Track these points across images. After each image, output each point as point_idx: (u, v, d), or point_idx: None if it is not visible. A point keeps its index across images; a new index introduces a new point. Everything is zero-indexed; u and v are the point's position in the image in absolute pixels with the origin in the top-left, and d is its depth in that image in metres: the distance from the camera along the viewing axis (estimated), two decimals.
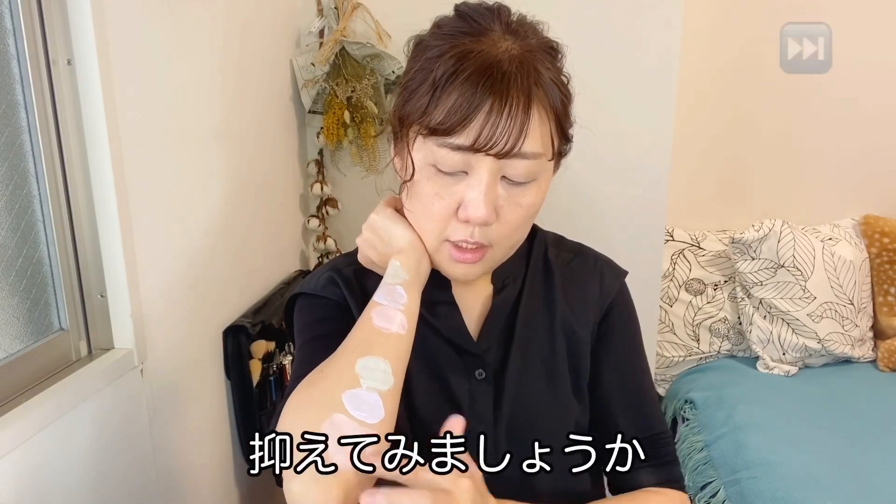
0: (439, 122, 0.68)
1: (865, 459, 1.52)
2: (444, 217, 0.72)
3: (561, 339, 0.83)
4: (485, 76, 0.66)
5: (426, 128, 0.69)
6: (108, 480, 0.99)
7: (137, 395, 1.05)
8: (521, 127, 0.67)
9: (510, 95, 0.67)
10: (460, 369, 0.80)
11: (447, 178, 0.71)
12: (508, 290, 0.84)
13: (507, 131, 0.67)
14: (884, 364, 1.96)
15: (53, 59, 0.91)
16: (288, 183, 1.61)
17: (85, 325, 1.01)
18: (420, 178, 0.72)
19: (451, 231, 0.72)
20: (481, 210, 0.69)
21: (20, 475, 0.83)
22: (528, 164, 0.70)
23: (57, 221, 0.95)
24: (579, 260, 0.88)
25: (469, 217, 0.70)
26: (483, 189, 0.69)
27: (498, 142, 0.67)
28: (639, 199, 1.61)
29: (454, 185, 0.70)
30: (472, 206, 0.69)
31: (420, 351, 0.77)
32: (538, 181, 0.73)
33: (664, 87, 1.55)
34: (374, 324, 0.70)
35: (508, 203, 0.71)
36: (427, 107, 0.69)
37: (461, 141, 0.67)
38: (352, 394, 0.64)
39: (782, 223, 1.93)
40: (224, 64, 1.27)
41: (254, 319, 1.34)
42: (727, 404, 1.77)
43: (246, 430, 1.34)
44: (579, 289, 0.85)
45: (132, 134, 0.99)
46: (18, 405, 0.84)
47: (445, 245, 0.74)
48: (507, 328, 0.82)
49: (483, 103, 0.66)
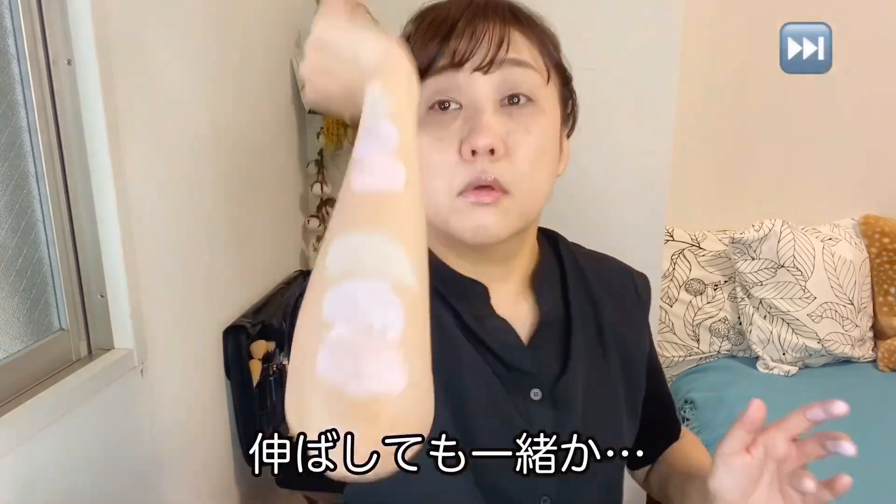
0: (419, 60, 0.62)
1: (865, 459, 1.52)
2: (448, 164, 0.63)
3: (612, 350, 0.75)
4: (451, 12, 0.65)
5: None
6: (108, 480, 0.99)
7: (137, 395, 1.05)
8: (501, 34, 0.64)
9: (483, 16, 0.64)
10: (513, 389, 0.69)
11: (443, 119, 0.64)
12: (553, 295, 0.74)
13: (486, 37, 0.63)
14: (884, 364, 1.96)
15: (53, 59, 0.91)
16: (288, 183, 1.61)
17: (85, 325, 1.00)
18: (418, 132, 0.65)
19: (460, 177, 0.63)
20: (484, 133, 0.61)
21: (20, 475, 0.83)
22: (523, 74, 0.64)
23: (57, 221, 0.95)
24: (608, 266, 0.82)
25: (474, 145, 0.61)
26: (479, 109, 0.63)
27: (478, 48, 0.63)
28: (639, 199, 1.61)
29: (451, 123, 0.64)
30: (474, 133, 0.62)
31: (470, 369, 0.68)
32: (543, 109, 0.66)
33: (664, 86, 1.55)
34: (353, 189, 0.47)
35: (515, 129, 0.64)
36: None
37: (441, 62, 0.64)
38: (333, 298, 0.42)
39: (782, 223, 1.92)
40: (224, 64, 1.27)
41: (254, 319, 1.34)
42: (727, 404, 1.77)
43: (246, 430, 1.33)
44: (619, 297, 0.78)
45: (132, 134, 0.99)
46: (18, 405, 0.84)
47: (459, 200, 0.64)
48: (562, 342, 0.72)
49: (456, 24, 0.64)
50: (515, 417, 0.67)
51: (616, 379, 0.75)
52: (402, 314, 0.42)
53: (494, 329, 0.70)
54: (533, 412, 0.68)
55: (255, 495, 1.46)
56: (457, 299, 0.69)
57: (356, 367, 0.40)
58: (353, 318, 0.41)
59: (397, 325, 0.42)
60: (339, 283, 0.43)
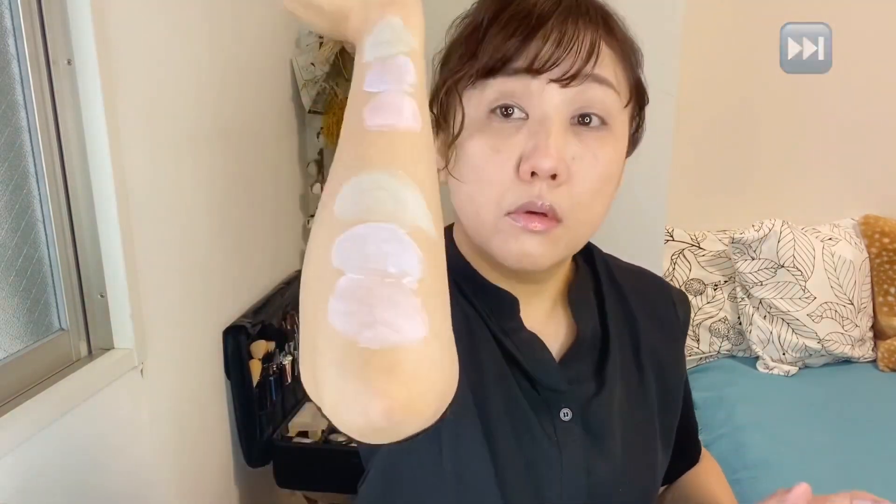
0: (490, 55, 0.56)
1: (865, 459, 1.52)
2: (502, 179, 0.56)
3: (650, 374, 0.70)
4: (538, 6, 0.56)
5: (475, 71, 0.57)
6: (108, 480, 0.99)
7: (137, 395, 1.05)
8: (592, 45, 0.56)
9: (574, 20, 0.56)
10: (541, 409, 0.63)
11: (504, 128, 0.57)
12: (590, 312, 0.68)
13: (575, 47, 0.55)
14: (884, 364, 1.96)
15: (53, 59, 0.91)
16: (288, 183, 1.61)
17: (85, 325, 1.00)
18: (471, 135, 0.58)
19: (513, 197, 0.56)
20: (548, 154, 0.54)
21: (20, 475, 0.83)
22: (602, 94, 0.57)
23: (57, 221, 0.95)
24: (646, 281, 0.76)
25: (534, 166, 0.54)
26: (548, 129, 0.55)
27: (563, 58, 0.55)
28: (639, 199, 1.61)
29: (513, 135, 0.57)
30: (537, 152, 0.55)
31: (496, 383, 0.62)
32: (614, 133, 0.59)
33: (665, 86, 1.55)
34: (366, 125, 0.43)
35: (581, 155, 0.57)
36: (476, 50, 0.57)
37: (518, 64, 0.55)
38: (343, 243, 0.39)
39: (782, 223, 1.92)
40: (224, 64, 1.27)
41: (254, 319, 1.34)
42: (727, 404, 1.77)
43: (246, 430, 1.33)
44: (657, 315, 0.72)
45: (132, 134, 0.99)
46: (18, 405, 0.84)
47: (506, 220, 0.57)
48: (598, 360, 0.67)
49: (539, 28, 0.55)
50: (543, 439, 0.62)
51: (652, 404, 0.69)
52: (419, 259, 0.38)
53: (524, 342, 0.64)
54: (562, 433, 0.62)
55: (255, 495, 1.46)
56: (486, 308, 0.65)
57: (370, 314, 0.36)
58: (365, 263, 0.37)
59: (415, 271, 0.38)
60: (349, 227, 0.38)
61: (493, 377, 0.62)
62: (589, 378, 0.66)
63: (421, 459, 0.61)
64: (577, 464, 0.63)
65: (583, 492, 0.63)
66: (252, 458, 1.35)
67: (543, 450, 0.62)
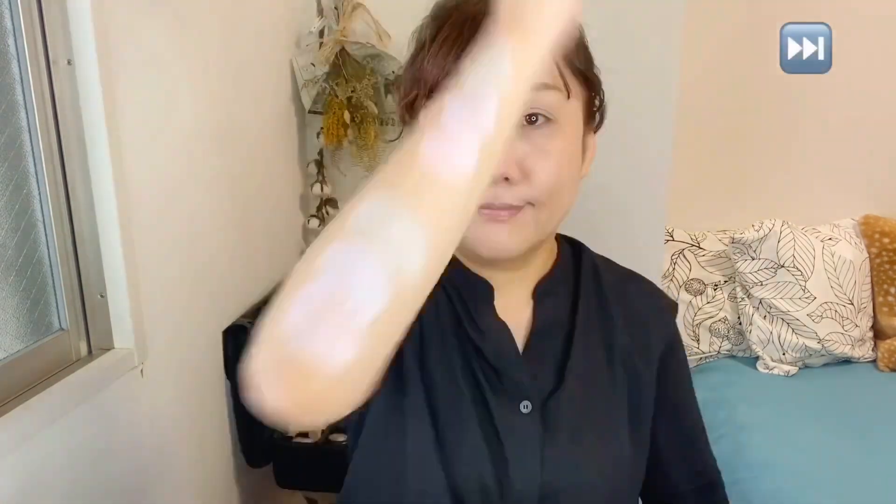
0: (433, 77, 0.61)
1: (865, 459, 1.52)
2: None
3: (621, 372, 0.71)
4: (465, 23, 0.60)
5: (424, 93, 0.62)
6: (109, 480, 0.99)
7: (137, 395, 1.05)
8: None
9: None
10: (503, 399, 0.66)
11: None
12: (556, 305, 0.71)
13: None
14: (884, 364, 1.96)
15: (53, 59, 0.91)
16: (288, 183, 1.61)
17: (85, 325, 1.00)
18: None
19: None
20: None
21: (20, 475, 0.83)
22: (542, 95, 0.61)
23: (57, 221, 0.95)
24: (635, 286, 0.78)
25: None
26: None
27: None
28: (639, 199, 1.61)
29: None
30: None
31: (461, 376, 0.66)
32: (562, 126, 0.63)
33: (664, 87, 1.55)
34: (420, 152, 0.42)
35: (531, 153, 0.62)
36: (421, 69, 0.62)
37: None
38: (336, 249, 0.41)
39: (782, 223, 1.92)
40: (224, 64, 1.27)
41: (254, 319, 1.34)
42: (727, 404, 1.77)
43: (246, 430, 1.34)
44: (639, 319, 0.74)
45: (132, 134, 0.99)
46: (18, 405, 0.84)
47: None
48: (561, 354, 0.69)
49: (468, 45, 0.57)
50: (500, 430, 0.65)
51: (621, 402, 0.71)
52: (383, 304, 0.40)
53: (489, 330, 0.67)
54: (519, 426, 0.65)
55: (255, 495, 1.46)
56: (460, 295, 0.68)
57: (314, 327, 0.39)
58: (337, 283, 0.39)
59: (369, 315, 0.39)
60: (353, 241, 0.40)
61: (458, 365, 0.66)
62: (552, 372, 0.68)
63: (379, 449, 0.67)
64: (532, 456, 0.65)
65: (536, 483, 0.65)
66: (252, 458, 1.35)
67: (499, 440, 0.64)
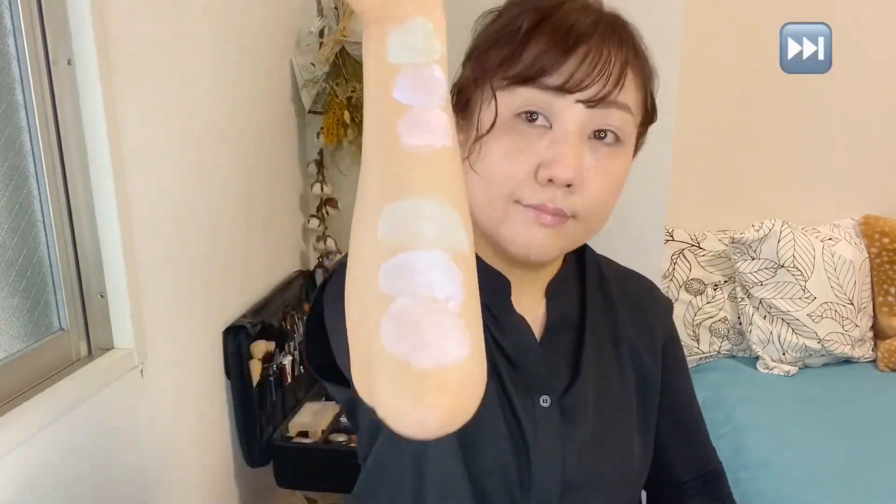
0: (529, 64, 0.60)
1: (865, 459, 1.52)
2: (519, 176, 0.61)
3: (629, 367, 0.74)
4: (577, 23, 0.60)
5: (511, 76, 0.61)
6: (108, 480, 0.99)
7: (137, 395, 1.05)
8: (621, 73, 0.60)
9: (608, 44, 0.60)
10: (523, 393, 0.67)
11: (528, 132, 0.61)
12: (566, 302, 0.73)
13: (605, 73, 0.59)
14: (884, 364, 1.96)
15: (53, 59, 0.91)
16: (288, 183, 1.61)
17: (85, 325, 1.00)
18: (496, 133, 0.61)
19: (526, 194, 0.61)
20: (567, 165, 0.59)
21: (20, 475, 0.83)
22: (620, 117, 0.62)
23: (57, 221, 0.95)
24: (634, 282, 0.80)
25: (552, 174, 0.59)
26: (569, 143, 0.60)
27: (593, 83, 0.59)
28: (639, 199, 1.60)
29: (535, 140, 0.61)
30: (557, 162, 0.59)
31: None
32: (625, 148, 0.65)
33: (664, 87, 1.53)
34: (403, 143, 0.42)
35: (595, 168, 0.62)
36: (512, 54, 0.61)
37: (551, 81, 0.59)
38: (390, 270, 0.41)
39: (782, 223, 1.92)
40: (224, 64, 1.27)
41: (254, 319, 1.34)
42: (727, 404, 1.77)
43: (246, 430, 1.34)
44: (641, 314, 0.77)
45: (132, 134, 0.99)
46: (18, 405, 0.84)
47: (517, 208, 0.62)
48: (574, 348, 0.71)
49: (578, 46, 0.59)
50: (523, 423, 0.65)
51: (630, 394, 0.73)
52: (461, 283, 0.41)
53: (511, 325, 0.68)
54: (540, 420, 0.66)
55: (255, 495, 1.46)
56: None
57: (421, 339, 0.40)
58: (414, 290, 0.40)
59: (458, 295, 0.41)
60: (395, 254, 0.41)
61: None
62: (566, 365, 0.70)
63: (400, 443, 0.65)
64: (554, 450, 0.66)
65: (558, 478, 0.66)
66: (252, 458, 1.35)
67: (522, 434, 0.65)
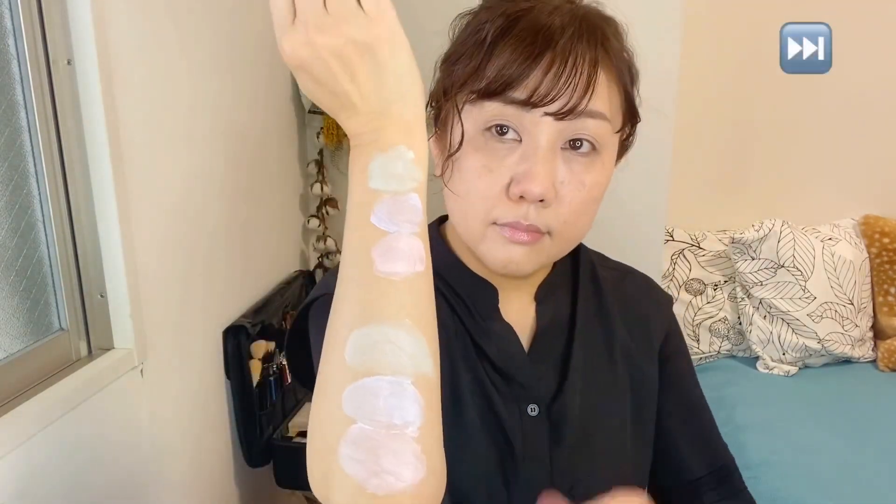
0: (492, 78, 0.58)
1: (865, 459, 1.52)
2: (492, 194, 0.60)
3: (623, 369, 0.72)
4: (543, 29, 0.58)
5: (477, 90, 0.59)
6: (108, 480, 0.99)
7: (137, 395, 1.05)
8: (589, 80, 0.58)
9: (574, 49, 0.57)
10: (510, 402, 0.66)
11: (498, 148, 0.60)
12: (556, 306, 0.71)
13: (572, 83, 0.57)
14: (884, 364, 1.96)
15: (53, 59, 0.91)
16: (288, 183, 1.61)
17: (85, 325, 1.01)
18: (467, 150, 0.61)
19: (500, 212, 0.60)
20: (538, 181, 0.57)
21: (20, 475, 0.83)
22: (594, 125, 0.59)
23: (57, 221, 0.95)
24: (631, 280, 0.78)
25: (524, 191, 0.58)
26: (539, 157, 0.58)
27: (560, 95, 0.57)
28: (639, 199, 1.61)
29: (506, 156, 0.60)
30: (527, 178, 0.58)
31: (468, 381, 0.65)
32: (602, 157, 0.62)
33: (665, 87, 1.55)
34: (376, 269, 0.45)
35: (569, 181, 0.60)
36: (478, 67, 0.59)
37: (517, 94, 0.58)
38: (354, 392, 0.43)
39: (782, 223, 1.92)
40: (224, 64, 1.27)
41: (254, 319, 1.34)
42: (727, 404, 1.77)
43: (246, 430, 1.34)
44: (636, 313, 0.74)
45: (132, 134, 0.99)
46: (18, 405, 0.84)
47: (493, 229, 0.61)
48: (563, 354, 0.69)
49: (543, 55, 0.57)
50: (509, 433, 0.65)
51: (623, 397, 0.71)
52: (421, 408, 0.43)
53: (496, 334, 0.68)
54: (528, 429, 0.65)
55: (255, 495, 1.46)
56: (465, 298, 0.68)
57: (377, 464, 0.42)
58: (374, 415, 0.43)
59: (417, 421, 0.43)
60: (360, 377, 0.43)
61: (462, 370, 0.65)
62: (555, 371, 0.69)
63: None
64: (542, 458, 0.65)
65: (545, 485, 0.64)
66: (252, 458, 1.35)
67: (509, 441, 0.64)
